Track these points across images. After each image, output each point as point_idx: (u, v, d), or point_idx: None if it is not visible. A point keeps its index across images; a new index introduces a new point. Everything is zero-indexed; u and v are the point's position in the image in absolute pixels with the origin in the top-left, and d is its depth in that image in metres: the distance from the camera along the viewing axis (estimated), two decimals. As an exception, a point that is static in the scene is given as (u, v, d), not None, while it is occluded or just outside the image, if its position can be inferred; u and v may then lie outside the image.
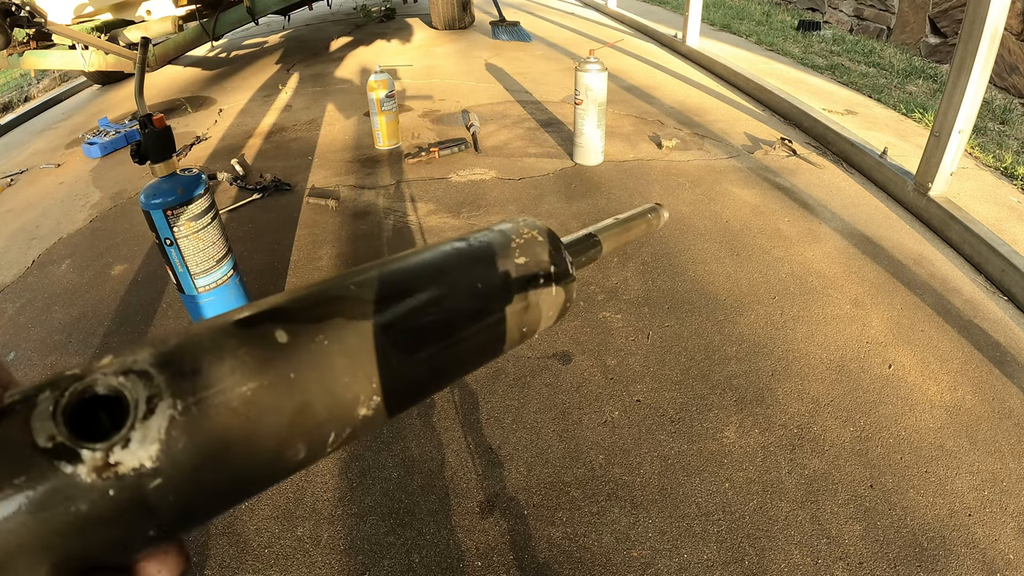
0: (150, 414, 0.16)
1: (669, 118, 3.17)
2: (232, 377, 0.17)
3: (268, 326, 0.19)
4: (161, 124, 1.43)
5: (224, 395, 0.17)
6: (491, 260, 0.26)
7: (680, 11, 5.44)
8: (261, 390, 0.18)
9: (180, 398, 0.16)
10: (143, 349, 0.17)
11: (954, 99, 1.97)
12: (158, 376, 0.16)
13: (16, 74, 5.86)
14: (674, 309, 1.75)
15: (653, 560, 1.12)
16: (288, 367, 0.18)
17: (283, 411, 0.18)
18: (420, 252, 0.26)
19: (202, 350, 0.17)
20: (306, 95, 3.87)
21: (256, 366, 0.18)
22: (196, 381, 0.17)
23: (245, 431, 0.17)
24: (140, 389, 0.16)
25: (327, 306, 0.21)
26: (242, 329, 0.19)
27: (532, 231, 0.29)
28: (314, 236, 2.23)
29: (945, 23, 4.19)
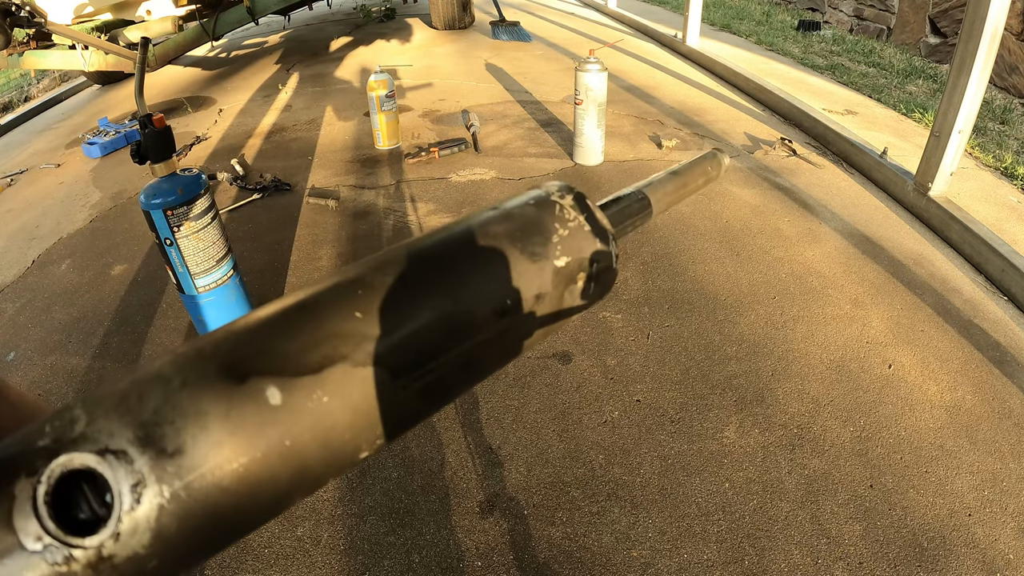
0: (137, 504, 0.15)
1: (669, 118, 3.17)
2: (220, 453, 0.16)
3: (258, 382, 0.17)
4: (161, 124, 1.43)
5: (213, 475, 0.16)
6: (524, 268, 0.22)
7: (680, 11, 5.44)
8: (253, 464, 0.16)
9: (167, 484, 0.15)
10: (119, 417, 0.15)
11: (954, 99, 1.97)
12: (139, 458, 0.15)
13: (16, 74, 5.86)
14: (674, 309, 1.75)
15: (653, 560, 1.12)
16: (283, 434, 0.16)
17: (278, 480, 0.17)
18: (438, 250, 0.21)
19: (184, 419, 0.16)
20: (306, 95, 3.87)
21: (247, 437, 0.16)
22: (181, 463, 0.15)
23: (238, 505, 0.16)
24: (123, 476, 0.15)
25: (327, 347, 0.18)
26: (229, 387, 0.16)
27: (579, 218, 0.24)
28: (314, 236, 2.23)
29: (945, 23, 4.19)
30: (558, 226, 0.24)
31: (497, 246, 0.22)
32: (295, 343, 0.17)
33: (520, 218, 0.23)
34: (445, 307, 0.20)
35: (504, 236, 0.22)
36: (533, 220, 0.23)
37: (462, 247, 0.22)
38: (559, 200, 0.25)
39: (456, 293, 0.20)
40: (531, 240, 0.23)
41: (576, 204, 0.25)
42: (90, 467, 0.15)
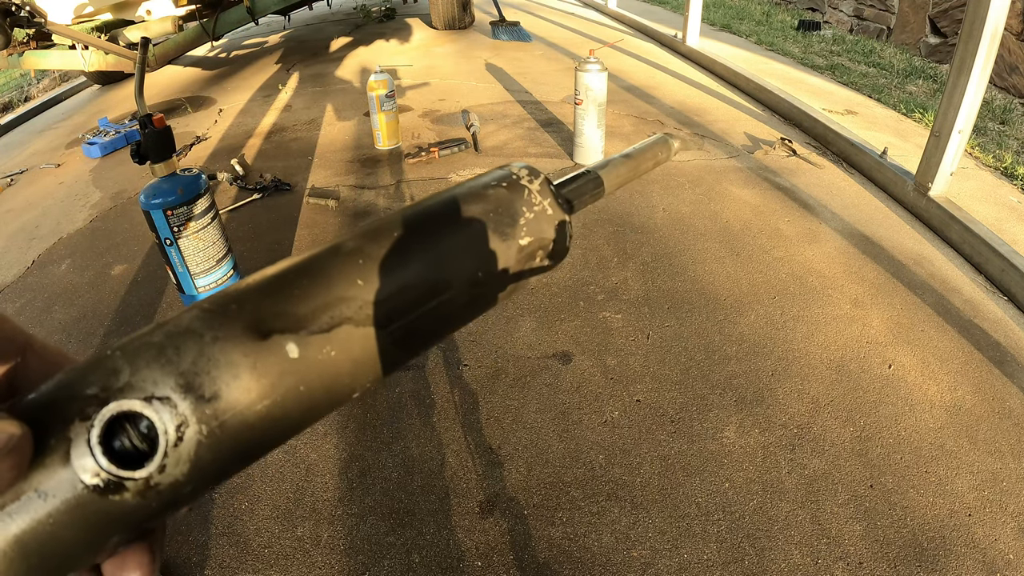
0: (180, 441, 0.18)
1: (669, 118, 3.17)
2: (248, 397, 0.19)
3: (279, 339, 0.19)
4: (161, 124, 1.43)
5: (242, 414, 0.19)
6: (495, 245, 0.26)
7: (680, 11, 5.44)
8: (274, 405, 0.19)
9: (205, 423, 0.18)
10: (162, 369, 0.18)
11: (954, 99, 1.97)
12: (182, 403, 0.18)
13: (16, 74, 5.86)
14: (674, 309, 1.75)
15: (653, 560, 1.12)
16: (298, 381, 0.20)
17: (292, 417, 0.20)
18: (425, 224, 0.25)
19: (218, 369, 0.18)
20: (306, 95, 3.87)
21: (270, 384, 0.19)
22: (217, 406, 0.18)
23: (259, 438, 0.19)
24: (168, 419, 0.18)
25: (335, 311, 0.21)
26: (255, 343, 0.19)
27: (543, 203, 0.28)
28: (314, 236, 2.23)
29: (945, 23, 4.19)
30: (525, 209, 0.27)
31: (474, 225, 0.26)
32: (309, 306, 0.20)
33: (494, 200, 0.27)
34: (429, 276, 0.24)
35: (480, 216, 0.26)
36: (505, 203, 0.27)
37: (445, 223, 0.25)
38: (528, 185, 0.28)
39: (438, 264, 0.24)
40: (502, 221, 0.26)
41: (541, 189, 0.29)
42: (139, 412, 0.17)
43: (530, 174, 0.29)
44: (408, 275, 0.23)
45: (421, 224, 0.25)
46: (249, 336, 0.19)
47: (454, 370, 1.57)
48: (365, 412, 1.46)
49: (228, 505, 1.26)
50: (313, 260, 0.22)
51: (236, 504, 1.27)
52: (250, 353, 0.19)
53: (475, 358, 1.61)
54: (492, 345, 1.65)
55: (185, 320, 0.19)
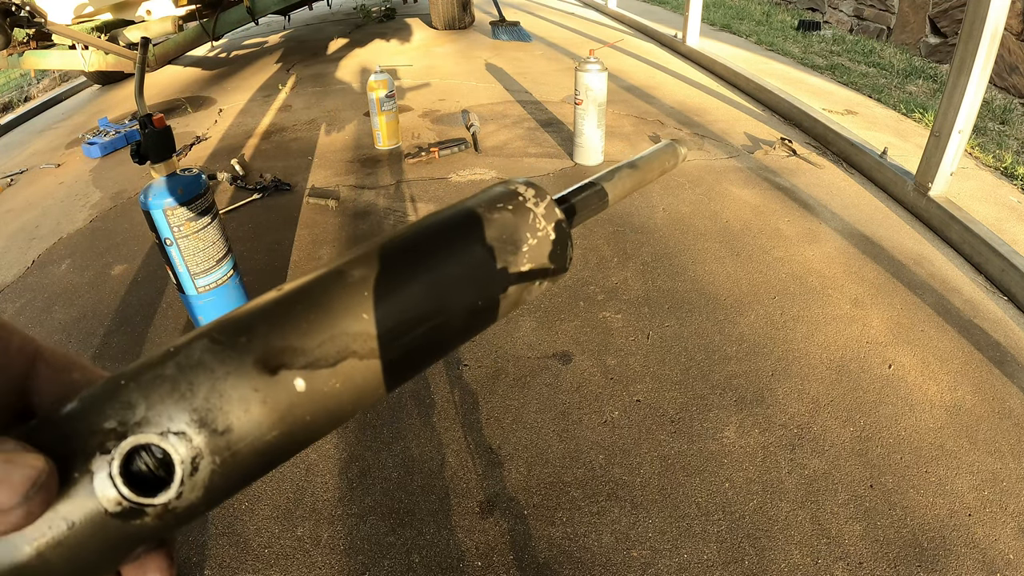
0: (195, 471, 0.19)
1: (669, 118, 3.17)
2: (259, 429, 0.20)
3: (288, 374, 0.21)
4: (161, 124, 1.43)
5: (253, 444, 0.20)
6: (497, 274, 0.26)
7: (680, 11, 5.44)
8: (282, 435, 0.20)
9: (218, 455, 0.19)
10: (176, 405, 0.19)
11: (954, 99, 1.97)
12: (196, 437, 0.19)
13: (16, 74, 5.86)
14: (674, 309, 1.75)
15: (653, 560, 1.12)
16: (305, 412, 0.21)
17: (297, 442, 0.21)
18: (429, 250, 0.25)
19: (231, 404, 0.19)
20: (306, 95, 3.87)
21: (279, 416, 0.20)
22: (229, 438, 0.19)
23: (267, 461, 0.21)
24: (184, 452, 0.19)
25: (341, 345, 0.22)
26: (265, 378, 0.20)
27: (547, 228, 0.28)
28: (314, 236, 2.23)
29: (945, 23, 4.19)
30: (529, 235, 0.27)
31: (478, 253, 0.26)
32: (315, 340, 0.21)
33: (499, 225, 0.27)
34: (431, 308, 0.24)
35: (485, 243, 0.26)
36: (510, 228, 0.27)
37: (449, 251, 0.25)
38: (533, 208, 0.28)
39: (442, 296, 0.25)
40: (506, 249, 0.27)
41: (546, 213, 0.28)
42: (157, 445, 0.19)
43: (536, 195, 0.29)
44: (411, 308, 0.24)
45: (425, 251, 0.25)
46: (259, 371, 0.20)
47: (454, 370, 1.57)
48: (365, 412, 1.46)
49: (228, 505, 1.26)
50: (319, 290, 0.23)
51: (236, 504, 1.27)
52: (260, 388, 0.20)
53: (475, 358, 1.61)
54: (492, 345, 1.65)
55: (196, 353, 0.20)
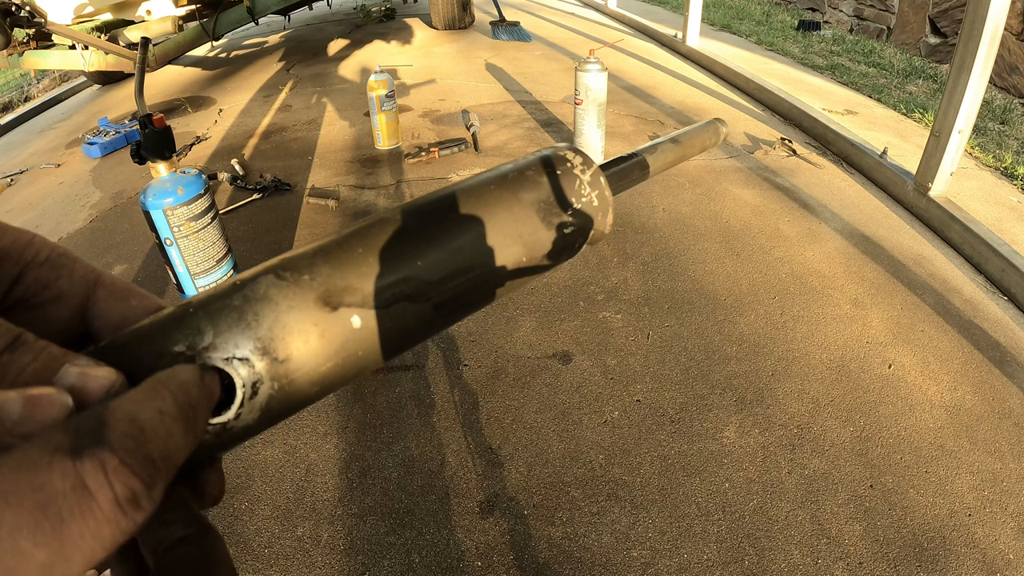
0: (254, 395, 0.20)
1: (669, 118, 3.17)
2: (315, 360, 0.21)
3: (346, 311, 0.22)
4: (161, 124, 1.43)
5: (309, 374, 0.21)
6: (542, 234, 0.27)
7: (680, 11, 5.44)
8: (336, 366, 0.22)
9: (277, 381, 0.21)
10: (242, 333, 0.20)
11: (954, 99, 1.97)
12: (259, 364, 0.20)
13: (16, 74, 5.86)
14: (674, 309, 1.75)
15: (653, 560, 1.12)
16: (358, 347, 0.22)
17: (348, 374, 0.23)
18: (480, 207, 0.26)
19: (292, 335, 0.21)
20: (306, 95, 3.87)
21: (334, 350, 0.22)
22: (288, 366, 0.21)
23: (319, 391, 0.22)
24: (246, 376, 0.20)
25: (396, 289, 0.23)
26: (324, 313, 0.21)
27: (591, 194, 0.29)
28: (314, 236, 2.23)
29: (945, 23, 4.19)
30: (573, 200, 0.28)
31: (525, 213, 0.27)
32: (373, 283, 0.23)
33: (546, 188, 0.28)
34: (479, 260, 0.26)
35: (531, 204, 0.27)
36: (556, 191, 0.28)
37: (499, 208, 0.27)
38: (580, 175, 0.29)
39: (490, 249, 0.26)
40: (551, 211, 0.28)
41: (591, 180, 0.29)
42: (222, 369, 0.20)
43: (583, 162, 0.30)
44: (461, 259, 0.25)
45: (476, 206, 0.26)
46: (319, 307, 0.21)
47: (454, 370, 1.57)
48: (365, 412, 1.46)
49: (228, 505, 1.26)
50: (378, 235, 0.24)
51: (236, 504, 1.27)
52: (320, 322, 0.21)
53: (475, 358, 1.61)
54: (492, 345, 1.65)
55: (262, 287, 0.21)
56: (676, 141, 0.36)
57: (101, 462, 0.14)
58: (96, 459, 0.14)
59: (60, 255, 0.22)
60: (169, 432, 0.16)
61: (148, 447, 0.16)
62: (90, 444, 0.15)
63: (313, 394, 0.22)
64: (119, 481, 0.14)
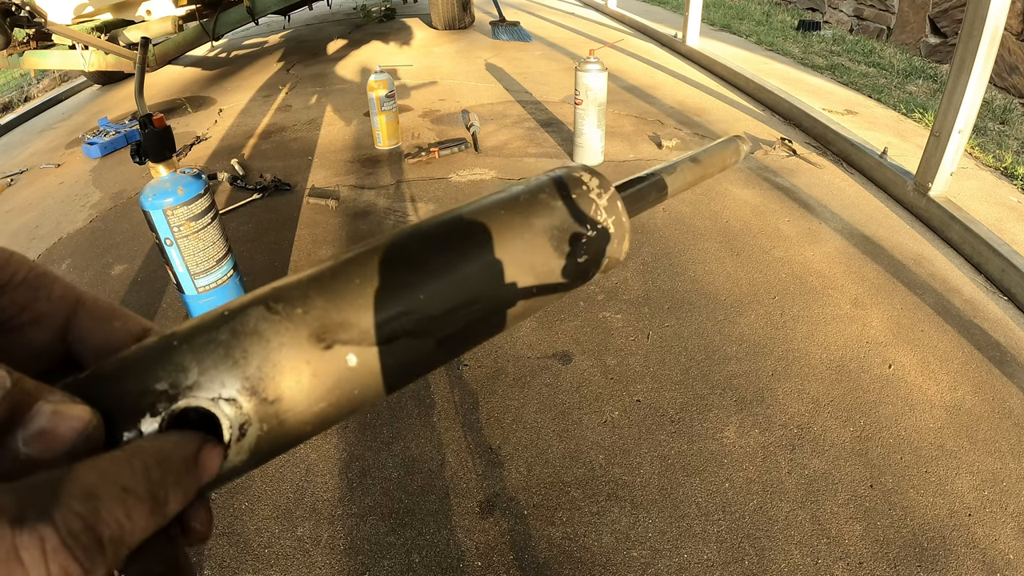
0: (242, 436, 0.19)
1: (669, 118, 3.17)
2: (308, 400, 0.20)
3: (341, 349, 0.21)
4: (161, 124, 1.43)
5: (300, 415, 0.20)
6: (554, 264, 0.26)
7: (680, 11, 5.44)
8: (329, 406, 0.21)
9: (266, 422, 0.19)
10: (229, 371, 0.19)
11: (954, 99, 1.97)
12: (246, 404, 0.19)
13: (16, 74, 5.86)
14: (674, 309, 1.75)
15: (653, 560, 1.12)
16: (354, 386, 0.21)
17: (343, 414, 0.21)
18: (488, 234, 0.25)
19: (282, 375, 0.20)
20: (306, 95, 3.87)
21: (328, 389, 0.20)
22: (278, 407, 0.20)
23: (311, 430, 0.21)
24: (233, 418, 0.19)
25: (395, 324, 0.22)
26: (318, 352, 0.20)
27: (608, 220, 0.27)
28: (314, 236, 2.23)
29: (945, 23, 4.19)
30: (589, 228, 0.27)
31: (538, 242, 0.25)
32: (371, 318, 0.21)
33: (560, 214, 0.26)
34: (487, 292, 0.24)
35: (545, 231, 0.26)
36: (571, 218, 0.26)
37: (510, 236, 0.25)
38: (596, 199, 0.27)
39: (498, 281, 0.24)
40: (565, 239, 0.26)
41: (608, 205, 0.28)
42: (207, 409, 0.19)
43: (600, 185, 0.28)
44: (468, 290, 0.23)
45: (484, 231, 0.25)
46: (313, 344, 0.20)
47: (454, 370, 1.57)
48: (365, 412, 1.46)
49: (228, 505, 1.26)
50: (377, 265, 0.22)
51: (236, 504, 1.27)
52: (313, 361, 0.20)
53: (475, 358, 1.61)
54: (492, 345, 1.65)
55: (251, 321, 0.20)
56: (695, 160, 0.35)
57: (41, 538, 0.14)
58: (36, 534, 0.14)
59: (38, 275, 0.21)
60: (128, 514, 0.15)
61: (98, 528, 0.14)
62: (35, 516, 0.14)
63: (306, 433, 0.21)
64: (56, 561, 0.14)
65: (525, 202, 0.26)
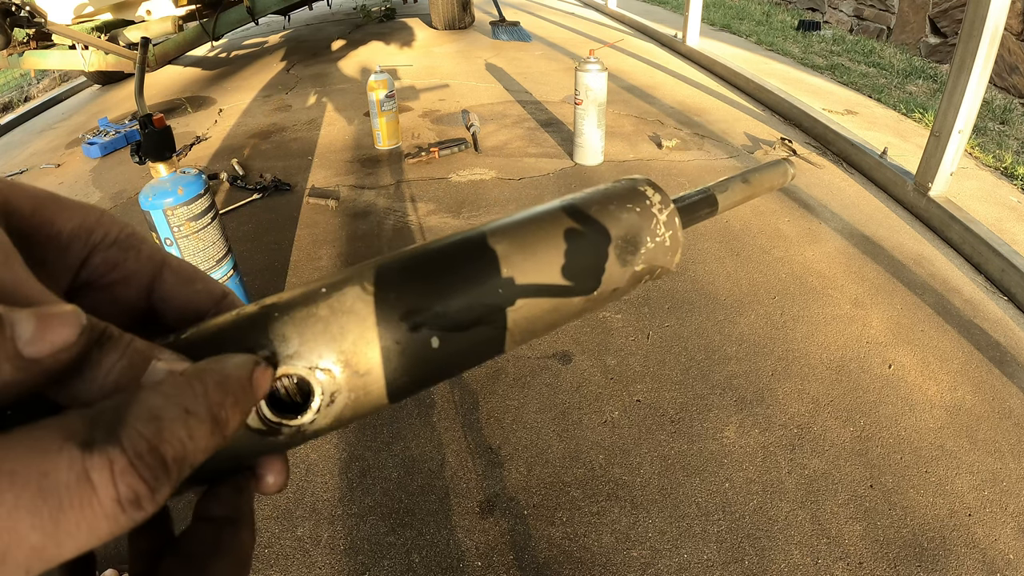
0: (331, 403, 0.21)
1: (669, 118, 3.17)
2: (393, 374, 0.22)
3: (427, 332, 0.22)
4: (161, 124, 1.43)
5: (385, 387, 0.22)
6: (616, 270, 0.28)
7: (680, 11, 5.44)
8: (411, 382, 0.23)
9: (354, 392, 0.21)
10: (327, 344, 0.21)
11: (954, 99, 1.97)
12: (340, 375, 0.21)
13: (16, 74, 5.87)
14: (674, 309, 1.75)
15: (653, 560, 1.12)
16: (433, 365, 0.23)
17: (420, 387, 0.23)
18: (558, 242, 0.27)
19: (374, 350, 0.21)
20: (306, 95, 3.87)
21: (411, 366, 0.22)
22: (368, 379, 0.21)
23: (389, 402, 0.23)
24: (326, 386, 0.21)
25: (476, 314, 0.24)
26: (406, 332, 0.22)
27: (665, 235, 0.29)
28: (314, 236, 2.23)
29: (945, 23, 4.19)
30: (649, 240, 0.29)
31: (604, 247, 0.28)
32: (455, 306, 0.23)
33: (625, 225, 0.29)
34: (559, 291, 0.26)
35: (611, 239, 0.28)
36: (634, 230, 0.29)
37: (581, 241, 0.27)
38: (657, 214, 0.30)
39: (569, 280, 0.26)
40: (627, 249, 0.28)
41: (667, 220, 0.30)
42: (304, 378, 0.21)
43: (662, 201, 0.30)
44: (542, 289, 0.26)
45: (558, 235, 0.27)
46: (402, 326, 0.22)
47: (454, 370, 1.57)
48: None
49: (228, 505, 1.26)
50: (463, 257, 0.25)
51: (236, 504, 1.27)
52: (401, 341, 0.22)
53: (475, 358, 1.61)
54: (492, 345, 1.65)
55: (349, 300, 0.22)
56: (746, 180, 0.37)
57: (109, 460, 0.14)
58: (105, 456, 0.14)
59: (128, 235, 0.22)
60: (191, 434, 0.16)
61: (163, 448, 0.15)
62: (103, 438, 0.14)
63: (383, 404, 0.23)
64: (124, 482, 0.14)
65: (597, 211, 0.28)
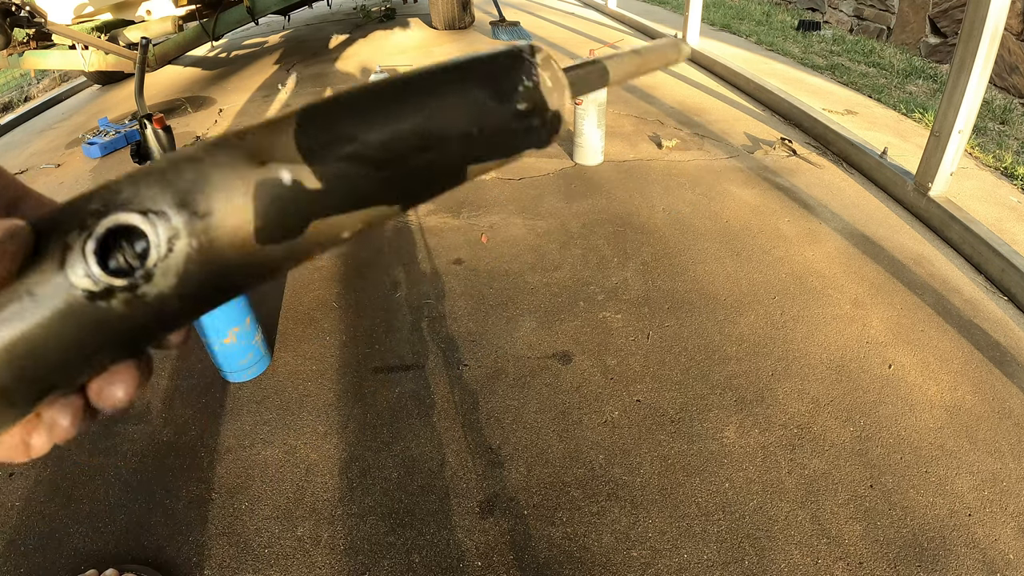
0: (170, 252, 0.18)
1: (669, 118, 3.17)
2: (240, 216, 0.19)
3: (276, 166, 0.20)
4: (161, 124, 1.43)
5: (231, 233, 0.19)
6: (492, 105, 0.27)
7: (680, 11, 5.44)
8: (263, 228, 0.20)
9: (195, 237, 0.19)
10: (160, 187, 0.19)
11: (954, 99, 1.97)
12: (175, 217, 0.19)
13: (16, 74, 5.87)
14: (674, 309, 1.75)
15: (653, 560, 1.12)
16: (289, 206, 0.20)
17: (277, 242, 0.21)
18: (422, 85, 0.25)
19: (214, 189, 0.19)
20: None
21: (262, 206, 0.20)
22: (209, 222, 0.19)
23: (245, 261, 0.20)
24: (161, 231, 0.18)
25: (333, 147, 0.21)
26: (251, 168, 0.20)
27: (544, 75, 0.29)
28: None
29: (945, 23, 4.19)
30: (525, 78, 0.28)
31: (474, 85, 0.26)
32: (308, 140, 0.21)
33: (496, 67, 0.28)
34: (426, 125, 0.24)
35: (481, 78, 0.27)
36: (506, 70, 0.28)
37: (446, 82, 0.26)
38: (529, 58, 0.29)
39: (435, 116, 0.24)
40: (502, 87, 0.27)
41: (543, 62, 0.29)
42: (134, 224, 0.18)
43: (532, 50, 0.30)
44: (406, 122, 0.24)
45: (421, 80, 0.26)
46: (247, 163, 0.20)
47: (454, 370, 1.57)
48: (365, 412, 1.47)
49: (228, 505, 1.27)
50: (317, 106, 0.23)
51: (236, 504, 1.27)
52: (246, 176, 0.20)
53: (475, 358, 1.61)
54: (492, 345, 1.65)
55: (189, 150, 0.20)
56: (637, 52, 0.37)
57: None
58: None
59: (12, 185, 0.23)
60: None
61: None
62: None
63: (238, 266, 0.20)
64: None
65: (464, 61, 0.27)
